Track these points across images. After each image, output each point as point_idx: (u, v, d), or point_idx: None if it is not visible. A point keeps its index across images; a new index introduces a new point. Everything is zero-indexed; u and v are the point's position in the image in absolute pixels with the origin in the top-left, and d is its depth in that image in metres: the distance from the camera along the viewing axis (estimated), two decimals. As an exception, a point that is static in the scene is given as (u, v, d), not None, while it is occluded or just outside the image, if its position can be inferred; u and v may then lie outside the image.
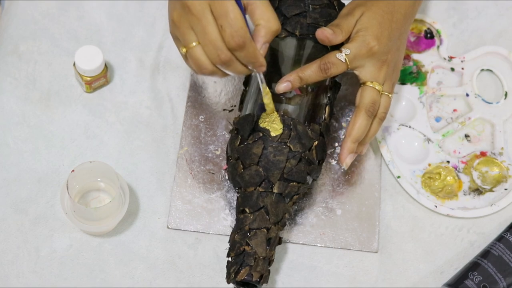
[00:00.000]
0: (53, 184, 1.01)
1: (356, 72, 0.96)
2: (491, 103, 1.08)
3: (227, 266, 0.92)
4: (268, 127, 0.93)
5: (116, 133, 1.04)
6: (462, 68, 1.10)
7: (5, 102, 1.05)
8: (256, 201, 0.93)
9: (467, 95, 1.08)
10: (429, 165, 1.05)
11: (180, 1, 0.85)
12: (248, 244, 0.91)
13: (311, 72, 0.94)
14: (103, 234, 0.99)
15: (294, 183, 0.93)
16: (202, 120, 1.05)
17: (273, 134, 0.93)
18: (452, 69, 1.10)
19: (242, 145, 0.94)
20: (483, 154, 1.05)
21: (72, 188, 0.96)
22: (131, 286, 0.97)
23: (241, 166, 0.94)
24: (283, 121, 0.93)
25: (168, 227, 1.00)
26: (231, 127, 1.04)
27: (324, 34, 0.94)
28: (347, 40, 0.95)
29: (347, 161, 0.96)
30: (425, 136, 1.06)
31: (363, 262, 1.00)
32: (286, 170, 0.93)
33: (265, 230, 0.92)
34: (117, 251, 0.99)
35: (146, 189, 1.02)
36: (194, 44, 0.86)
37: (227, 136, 1.04)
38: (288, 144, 0.93)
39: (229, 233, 0.99)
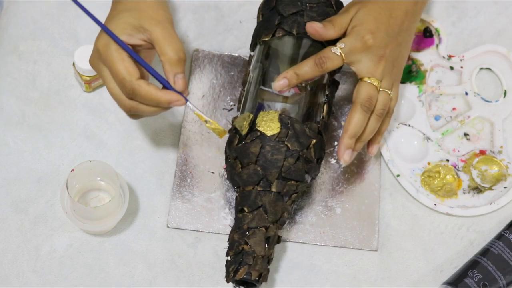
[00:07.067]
0: (53, 183, 1.01)
1: (353, 68, 0.96)
2: (490, 101, 1.08)
3: (226, 265, 0.93)
4: (265, 126, 0.93)
5: (116, 133, 1.04)
6: (461, 67, 1.10)
7: (5, 102, 1.05)
8: (254, 200, 0.93)
9: (466, 93, 1.08)
10: (429, 163, 1.05)
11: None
12: (246, 243, 0.92)
13: (307, 68, 0.94)
14: (103, 234, 0.99)
15: (292, 182, 0.94)
16: (202, 119, 1.05)
17: (270, 133, 0.93)
18: (451, 68, 1.10)
19: (240, 144, 0.94)
20: (482, 152, 1.06)
21: (72, 187, 0.96)
22: (131, 285, 0.97)
23: (239, 165, 0.94)
24: (280, 120, 0.94)
25: (167, 226, 1.00)
26: (230, 126, 1.04)
27: (313, 27, 0.95)
28: (344, 37, 0.96)
29: (344, 157, 0.96)
30: (424, 134, 1.06)
31: (363, 260, 1.00)
32: (284, 168, 0.93)
33: (263, 229, 0.92)
34: (117, 250, 0.99)
35: (146, 188, 1.02)
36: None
37: (227, 135, 1.04)
38: (285, 143, 0.93)
39: (229, 232, 0.99)
